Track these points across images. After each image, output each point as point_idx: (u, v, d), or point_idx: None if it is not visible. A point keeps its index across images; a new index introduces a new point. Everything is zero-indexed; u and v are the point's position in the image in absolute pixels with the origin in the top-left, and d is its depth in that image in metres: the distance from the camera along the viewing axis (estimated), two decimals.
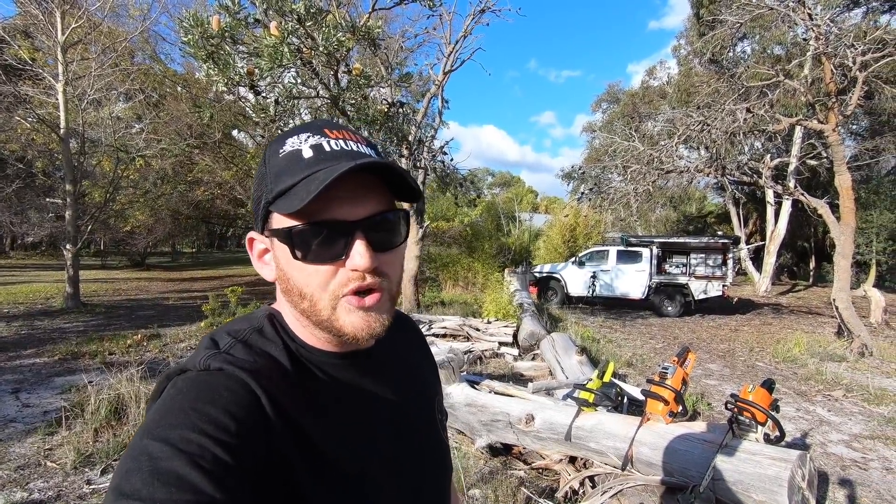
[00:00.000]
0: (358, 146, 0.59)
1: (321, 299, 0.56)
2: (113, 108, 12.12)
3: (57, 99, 9.89)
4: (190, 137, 13.80)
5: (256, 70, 4.71)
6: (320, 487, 0.53)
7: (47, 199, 14.43)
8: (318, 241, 0.55)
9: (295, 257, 0.55)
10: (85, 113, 10.40)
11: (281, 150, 0.57)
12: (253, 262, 0.63)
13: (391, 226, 0.59)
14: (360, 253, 0.55)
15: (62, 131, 9.84)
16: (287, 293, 0.59)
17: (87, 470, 3.16)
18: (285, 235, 0.55)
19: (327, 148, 0.57)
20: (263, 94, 5.42)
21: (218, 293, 7.99)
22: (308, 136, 0.57)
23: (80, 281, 10.44)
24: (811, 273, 22.07)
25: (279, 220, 0.56)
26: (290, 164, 0.56)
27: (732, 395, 2.27)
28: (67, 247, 10.11)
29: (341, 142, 0.58)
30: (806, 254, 23.74)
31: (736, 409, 2.22)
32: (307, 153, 0.56)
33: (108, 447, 3.37)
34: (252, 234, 0.62)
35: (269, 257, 0.61)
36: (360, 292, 0.57)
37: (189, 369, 0.54)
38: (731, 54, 15.64)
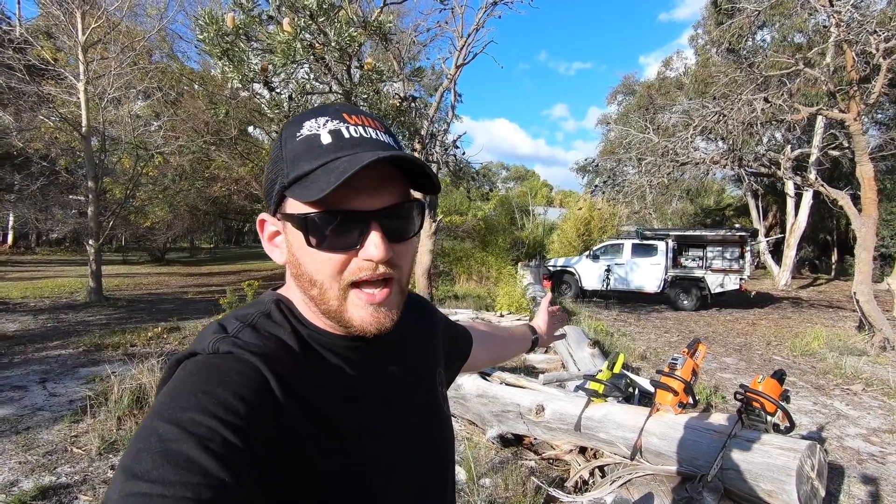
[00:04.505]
0: (377, 133, 0.58)
1: (331, 288, 0.56)
2: (132, 107, 12.36)
3: (78, 98, 10.12)
4: (207, 134, 14.00)
5: (270, 66, 4.78)
6: (333, 465, 0.55)
7: (70, 196, 14.84)
8: (333, 229, 0.54)
9: (309, 244, 0.55)
10: (105, 111, 10.62)
11: (298, 134, 0.56)
12: (263, 244, 0.63)
13: (407, 216, 0.59)
14: (375, 243, 0.55)
15: (84, 129, 10.07)
16: (298, 278, 0.59)
17: (111, 456, 3.28)
18: (300, 222, 0.55)
19: (346, 135, 0.56)
20: (277, 91, 5.50)
21: (235, 287, 8.15)
22: (327, 121, 0.57)
23: (102, 276, 10.72)
24: (833, 266, 21.60)
25: (294, 206, 0.56)
26: (307, 149, 0.55)
27: (742, 386, 2.27)
28: (90, 242, 10.38)
29: (360, 128, 0.57)
30: (828, 247, 23.23)
31: (745, 399, 2.22)
32: (326, 139, 0.55)
33: (130, 434, 3.48)
34: (263, 215, 0.62)
35: (280, 240, 0.61)
36: (370, 287, 0.57)
37: (198, 353, 0.55)
38: (749, 43, 15.30)
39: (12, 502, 2.64)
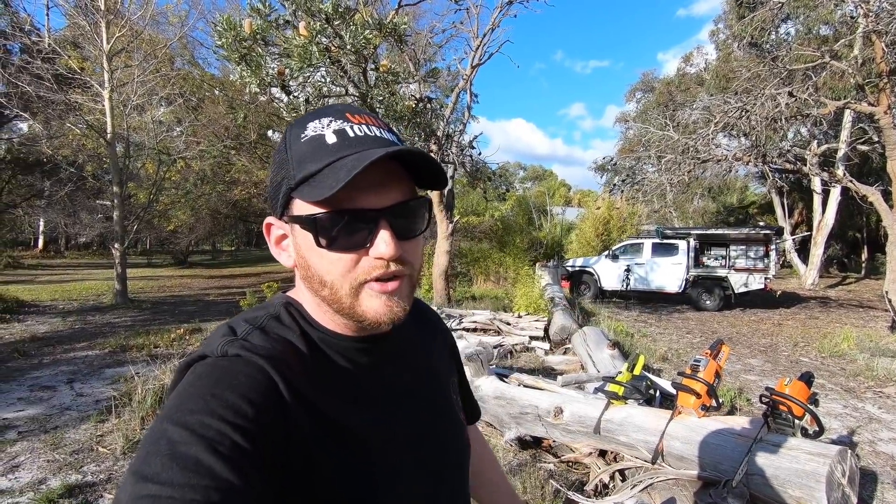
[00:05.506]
0: (381, 132, 0.58)
1: (342, 287, 0.56)
2: (155, 113, 12.67)
3: (103, 105, 10.40)
4: (227, 139, 14.27)
5: (287, 70, 4.83)
6: (340, 467, 0.54)
7: (97, 201, 15.25)
8: (342, 228, 0.54)
9: (318, 244, 0.54)
10: (129, 118, 10.92)
11: (303, 135, 0.56)
12: (270, 248, 0.63)
13: (415, 214, 0.59)
14: (385, 241, 0.54)
15: (109, 136, 10.35)
16: (307, 280, 0.59)
17: (134, 455, 3.34)
18: (309, 222, 0.55)
19: (351, 134, 0.56)
20: (294, 94, 5.56)
21: (255, 289, 8.26)
22: (330, 121, 0.57)
23: (127, 278, 11.00)
24: (863, 265, 20.92)
25: (302, 207, 0.55)
26: (313, 150, 0.55)
27: (768, 388, 2.20)
28: (116, 246, 10.65)
29: (364, 127, 0.57)
30: (857, 245, 22.49)
31: (771, 402, 2.15)
32: (331, 139, 0.55)
33: None
34: (270, 219, 0.61)
35: (287, 243, 0.61)
36: (382, 278, 0.57)
37: (207, 355, 0.55)
38: (773, 37, 14.92)
39: (40, 500, 2.71)
